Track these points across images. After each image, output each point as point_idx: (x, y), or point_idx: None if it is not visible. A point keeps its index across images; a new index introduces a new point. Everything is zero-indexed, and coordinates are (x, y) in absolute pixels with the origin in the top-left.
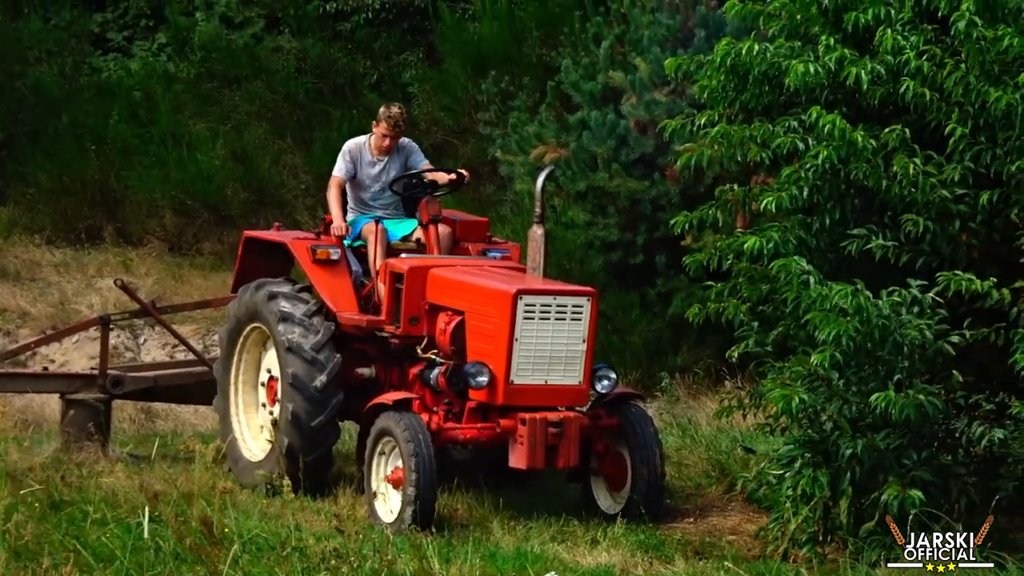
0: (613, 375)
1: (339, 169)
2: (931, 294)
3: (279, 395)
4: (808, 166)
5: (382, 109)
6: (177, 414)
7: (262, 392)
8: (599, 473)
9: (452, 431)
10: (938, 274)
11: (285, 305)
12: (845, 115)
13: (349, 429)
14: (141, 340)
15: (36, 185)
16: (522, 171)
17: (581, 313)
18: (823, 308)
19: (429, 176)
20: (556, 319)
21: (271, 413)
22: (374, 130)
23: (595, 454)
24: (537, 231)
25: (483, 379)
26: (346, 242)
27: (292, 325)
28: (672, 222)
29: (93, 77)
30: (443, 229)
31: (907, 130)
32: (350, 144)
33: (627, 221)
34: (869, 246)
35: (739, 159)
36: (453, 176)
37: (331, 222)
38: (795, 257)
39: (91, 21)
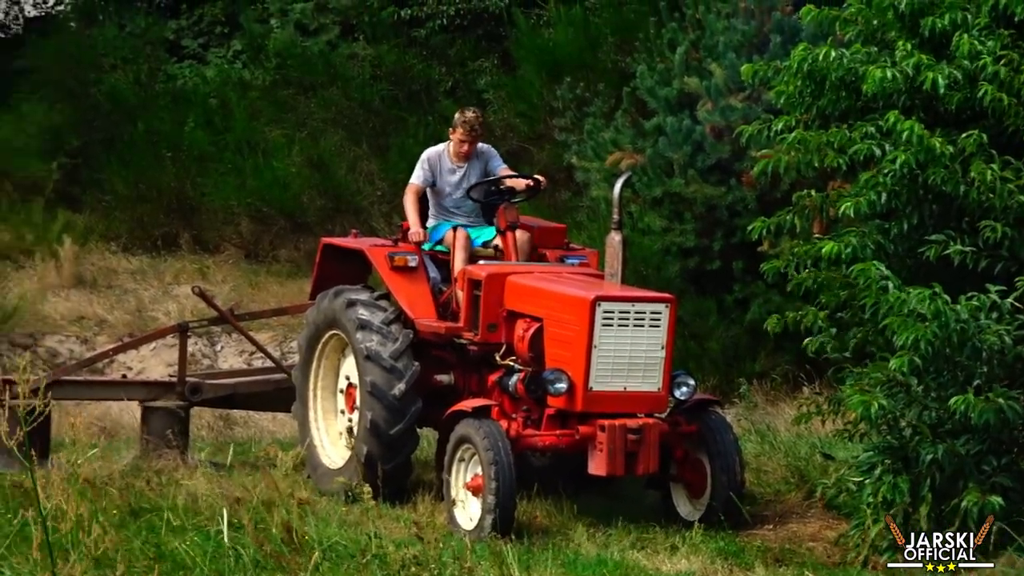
0: (692, 381)
1: (416, 177)
2: (1010, 299)
3: (358, 403)
4: (886, 171)
5: (457, 114)
6: (255, 421)
7: (341, 399)
8: (678, 480)
9: (531, 438)
10: (1017, 279)
11: (363, 312)
12: (922, 120)
13: (428, 436)
14: (218, 347)
15: (112, 192)
16: (598, 177)
17: (660, 319)
18: (901, 313)
19: (507, 183)
20: (635, 326)
21: (350, 420)
22: (451, 136)
23: (674, 461)
24: (615, 237)
25: (562, 386)
26: (427, 246)
27: (370, 333)
28: (749, 228)
29: (168, 84)
30: (521, 235)
31: (984, 135)
32: (429, 152)
33: (703, 227)
34: (947, 252)
35: (816, 165)
36: (530, 182)
37: (408, 229)
38: (874, 262)
39: (166, 28)
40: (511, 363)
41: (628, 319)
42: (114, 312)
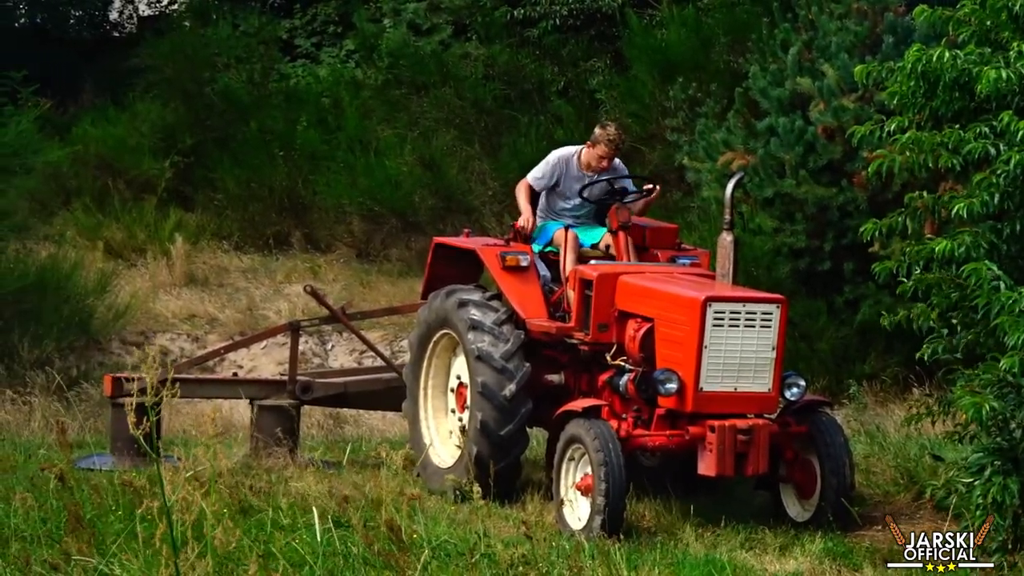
0: (802, 382)
1: (538, 175)
2: None
3: (468, 403)
4: (999, 172)
5: (599, 130)
6: (365, 420)
7: (451, 398)
8: (788, 481)
9: (641, 438)
10: None
11: (475, 313)
12: None
13: (537, 436)
14: (329, 346)
15: (224, 191)
16: (709, 178)
17: (771, 320)
18: (1012, 313)
19: (621, 183)
20: (746, 326)
21: (460, 419)
22: (588, 149)
23: (784, 461)
24: (726, 238)
25: (672, 386)
26: (536, 248)
27: (482, 333)
28: (861, 229)
29: (281, 84)
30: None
31: None
32: (560, 153)
33: (814, 228)
34: None
35: (929, 165)
36: (648, 186)
37: (519, 228)
38: (986, 262)
39: (279, 28)
40: (622, 363)
41: (739, 319)
42: (225, 311)
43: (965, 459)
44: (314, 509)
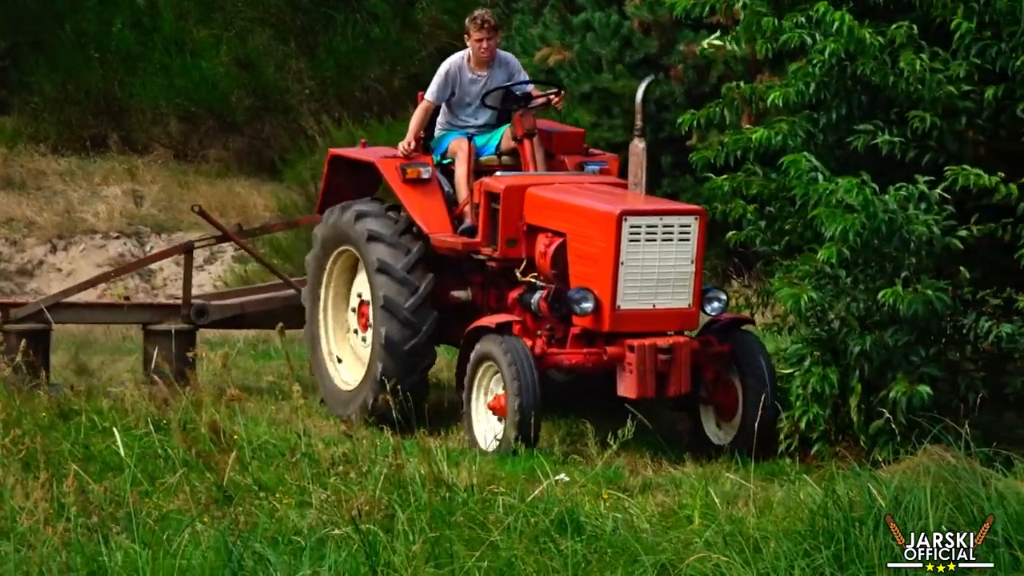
0: (723, 296)
1: (432, 93)
2: (938, 190)
3: (371, 319)
4: (815, 61)
5: (467, 20)
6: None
7: (352, 318)
8: (708, 402)
9: (556, 356)
10: (946, 169)
11: (373, 224)
12: (852, 11)
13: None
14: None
15: (40, 94)
16: (526, 73)
17: (689, 232)
18: (830, 204)
19: (525, 89)
20: (663, 240)
21: (364, 340)
22: (468, 44)
23: (704, 382)
24: (638, 145)
25: (588, 305)
26: (435, 159)
27: (381, 245)
28: (679, 121)
29: None
30: (536, 144)
31: (914, 26)
32: (448, 62)
33: (632, 122)
34: (875, 141)
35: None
36: (552, 92)
37: (401, 152)
38: (804, 153)
39: None
40: (532, 279)
41: (656, 233)
42: (43, 214)
43: (784, 350)
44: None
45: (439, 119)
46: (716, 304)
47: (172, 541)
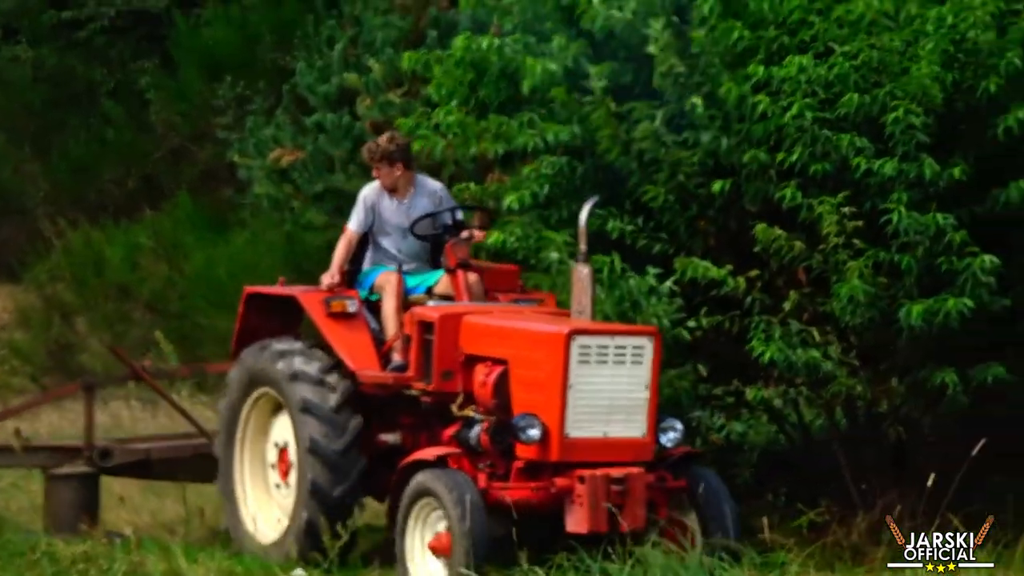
0: (679, 426)
1: (353, 222)
2: (670, 282)
3: (295, 463)
4: (546, 163)
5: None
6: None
7: (272, 473)
8: (659, 543)
9: (500, 491)
10: (676, 259)
11: (296, 363)
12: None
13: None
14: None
15: None
16: (260, 174)
17: (642, 355)
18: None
19: (457, 215)
20: (615, 362)
21: (286, 488)
22: (375, 176)
23: (656, 520)
24: (582, 270)
25: (535, 432)
26: (362, 295)
27: (306, 384)
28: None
29: None
30: (472, 276)
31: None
32: (366, 189)
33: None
34: (607, 227)
35: (475, 151)
36: (483, 214)
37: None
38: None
39: None
40: (471, 413)
41: (607, 355)
42: None
43: None
44: None
45: (367, 257)
46: (672, 434)
47: None
